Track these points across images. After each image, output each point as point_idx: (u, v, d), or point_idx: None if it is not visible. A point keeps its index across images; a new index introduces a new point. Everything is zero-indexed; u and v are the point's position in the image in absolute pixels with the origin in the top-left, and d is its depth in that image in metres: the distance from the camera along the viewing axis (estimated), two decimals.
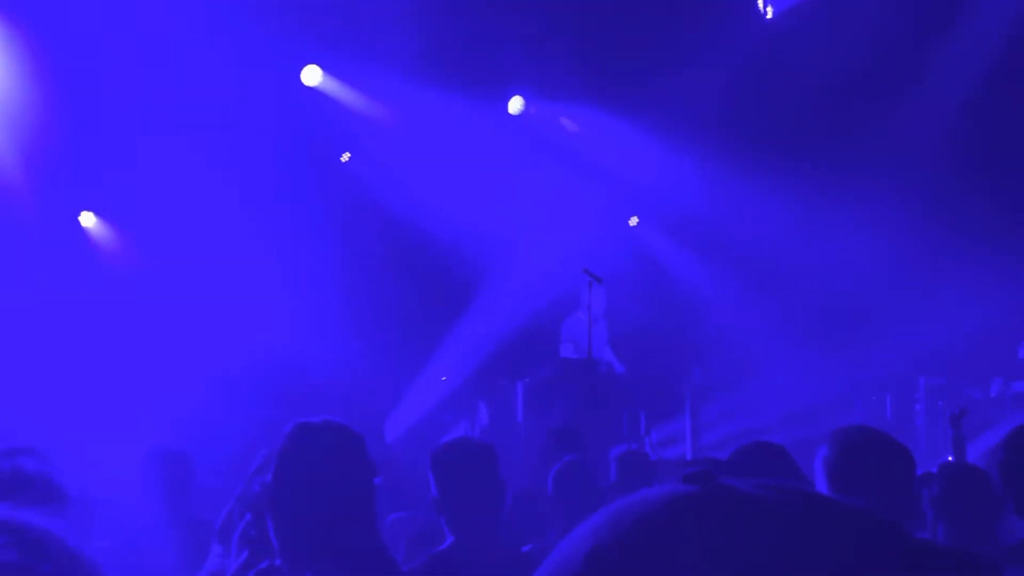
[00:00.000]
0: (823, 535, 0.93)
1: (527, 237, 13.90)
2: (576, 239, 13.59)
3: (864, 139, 13.60)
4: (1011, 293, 12.76)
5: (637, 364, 13.08)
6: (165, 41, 11.41)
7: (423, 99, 13.23)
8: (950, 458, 6.49)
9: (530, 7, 12.39)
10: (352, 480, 2.90)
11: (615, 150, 14.54)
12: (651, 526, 0.94)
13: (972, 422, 11.66)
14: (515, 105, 14.21)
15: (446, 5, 12.09)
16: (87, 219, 13.21)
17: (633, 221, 15.27)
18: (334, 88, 13.37)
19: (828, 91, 13.29)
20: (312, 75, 13.20)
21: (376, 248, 13.63)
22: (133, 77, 11.64)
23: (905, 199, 13.51)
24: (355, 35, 12.54)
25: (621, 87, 13.55)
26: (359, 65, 13.05)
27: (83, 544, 1.30)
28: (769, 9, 13.47)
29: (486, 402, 12.65)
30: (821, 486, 3.36)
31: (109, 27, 11.18)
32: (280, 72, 12.86)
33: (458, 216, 13.69)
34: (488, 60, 13.02)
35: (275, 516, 2.86)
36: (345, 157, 14.04)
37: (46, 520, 1.28)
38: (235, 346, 12.33)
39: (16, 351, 11.25)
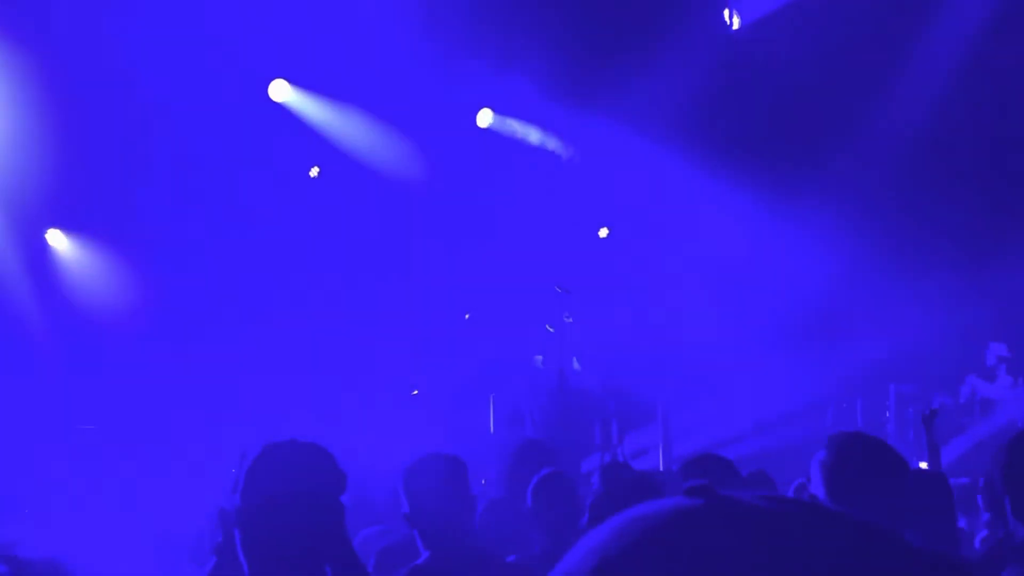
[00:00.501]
0: (826, 545, 0.94)
1: (500, 249, 13.89)
2: (548, 251, 13.60)
3: (832, 145, 13.68)
4: (979, 299, 12.85)
5: (609, 375, 13.08)
6: (134, 52, 11.38)
7: (392, 112, 13.24)
8: (923, 464, 6.53)
9: (498, 19, 12.40)
10: (320, 496, 2.90)
11: (585, 160, 14.57)
12: (657, 540, 0.95)
13: (942, 428, 11.73)
14: (484, 118, 14.22)
15: (414, 16, 12.08)
16: (54, 237, 13.08)
17: (603, 232, 15.28)
18: (302, 103, 13.35)
19: (796, 98, 13.38)
20: (280, 90, 13.17)
21: (349, 262, 13.58)
22: (104, 91, 11.60)
23: (873, 205, 13.60)
24: (323, 49, 12.54)
25: (590, 96, 13.58)
26: (327, 79, 13.04)
27: None
28: (735, 20, 13.56)
29: (460, 415, 12.63)
30: (817, 489, 3.41)
31: (79, 40, 11.15)
32: (248, 87, 12.82)
33: (432, 229, 13.69)
34: (457, 72, 13.02)
35: (244, 534, 2.85)
36: (314, 172, 13.99)
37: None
38: (212, 361, 12.26)
39: None
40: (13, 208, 11.96)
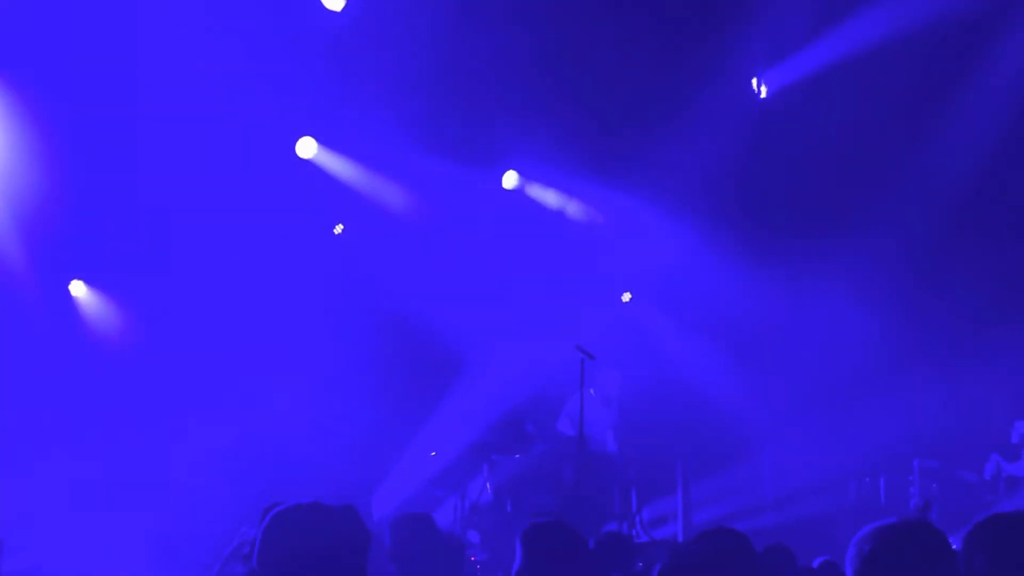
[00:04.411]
0: None
1: (523, 313, 13.81)
2: (571, 315, 13.52)
3: (857, 215, 13.60)
4: (1005, 375, 12.71)
5: (630, 442, 12.95)
6: (160, 109, 11.35)
7: (417, 172, 13.22)
8: None
9: (524, 81, 12.39)
10: (338, 561, 2.82)
11: (609, 225, 14.54)
12: None
13: (966, 505, 11.57)
14: (510, 180, 14.20)
15: (440, 77, 12.07)
16: (77, 288, 13.01)
17: (626, 297, 15.22)
18: (328, 160, 13.34)
19: (820, 167, 13.33)
20: (307, 147, 13.16)
21: (368, 322, 13.49)
22: (128, 143, 11.57)
23: (901, 277, 13.50)
24: (349, 107, 12.51)
25: (617, 162, 13.55)
26: (353, 137, 13.01)
27: None
28: (763, 88, 13.55)
29: (476, 478, 12.50)
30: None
31: (106, 95, 11.14)
32: (275, 143, 12.79)
33: (453, 291, 13.62)
34: (482, 134, 13.00)
35: None
36: (338, 229, 13.95)
37: None
38: (222, 423, 12.15)
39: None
40: (38, 258, 11.90)
